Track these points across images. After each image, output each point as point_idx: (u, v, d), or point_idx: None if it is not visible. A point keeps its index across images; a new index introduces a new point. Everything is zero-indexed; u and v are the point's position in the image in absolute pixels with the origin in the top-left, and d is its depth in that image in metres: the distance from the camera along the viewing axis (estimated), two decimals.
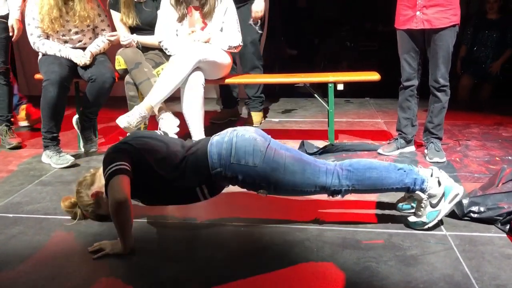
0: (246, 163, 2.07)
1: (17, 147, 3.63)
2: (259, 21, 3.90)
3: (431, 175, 2.15)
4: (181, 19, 3.35)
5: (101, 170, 2.18)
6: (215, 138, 2.19)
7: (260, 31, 3.97)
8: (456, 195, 2.14)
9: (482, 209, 2.23)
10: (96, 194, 2.24)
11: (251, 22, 3.84)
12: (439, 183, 2.12)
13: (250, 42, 3.94)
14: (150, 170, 2.12)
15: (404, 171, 2.14)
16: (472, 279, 1.79)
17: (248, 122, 4.13)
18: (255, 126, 3.46)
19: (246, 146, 2.09)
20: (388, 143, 3.36)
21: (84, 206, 2.29)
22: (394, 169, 2.15)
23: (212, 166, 2.11)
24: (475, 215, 2.23)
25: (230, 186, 2.22)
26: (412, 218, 2.19)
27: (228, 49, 3.36)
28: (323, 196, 2.22)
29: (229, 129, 2.21)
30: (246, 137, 2.12)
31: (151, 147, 2.18)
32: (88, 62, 3.26)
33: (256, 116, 4.23)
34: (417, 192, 2.13)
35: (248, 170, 2.08)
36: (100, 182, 2.21)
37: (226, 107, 4.45)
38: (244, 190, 2.20)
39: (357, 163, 2.18)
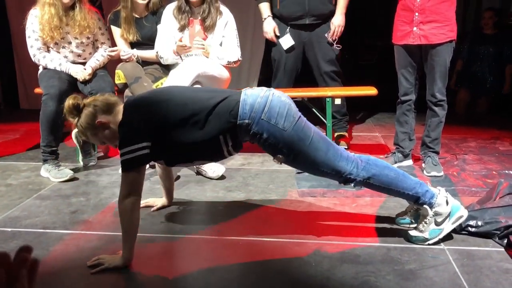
0: (276, 124, 2.04)
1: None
2: (337, 38, 3.81)
3: (439, 193, 2.17)
4: (181, 28, 3.38)
5: (121, 107, 2.15)
6: (249, 91, 2.14)
7: (338, 48, 3.83)
8: (460, 217, 2.16)
9: (479, 223, 2.24)
10: (102, 123, 2.13)
11: (329, 38, 3.78)
12: (447, 202, 2.14)
13: (328, 61, 3.83)
14: (172, 120, 2.07)
15: (418, 182, 2.17)
16: None
17: None
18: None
19: (280, 108, 2.06)
20: (386, 157, 3.37)
21: (83, 122, 2.14)
22: (410, 177, 2.18)
23: (241, 116, 2.06)
24: (473, 229, 2.24)
25: (236, 194, 2.22)
26: (413, 232, 2.19)
27: (227, 64, 3.39)
28: (322, 208, 2.22)
29: (264, 88, 2.17)
30: (282, 99, 2.10)
31: (174, 94, 2.17)
32: (88, 77, 3.29)
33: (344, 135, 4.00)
34: (425, 206, 2.14)
35: (275, 131, 2.05)
36: (114, 117, 2.13)
37: None
38: (244, 202, 2.20)
39: (377, 160, 2.20)
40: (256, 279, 1.93)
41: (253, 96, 2.09)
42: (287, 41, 3.81)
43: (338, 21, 3.77)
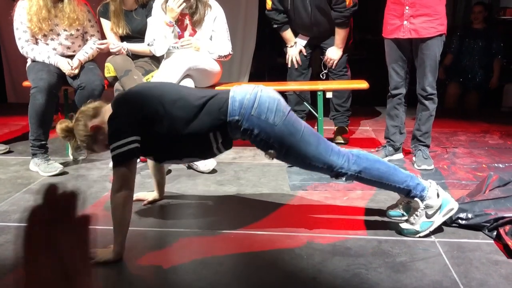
0: (266, 119, 2.05)
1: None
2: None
3: (430, 186, 2.18)
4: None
5: (107, 106, 2.14)
6: (238, 88, 2.15)
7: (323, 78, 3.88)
8: (451, 209, 2.18)
9: (469, 215, 2.26)
10: (95, 127, 2.13)
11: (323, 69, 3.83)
12: (438, 195, 2.15)
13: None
14: (162, 114, 2.07)
15: (409, 175, 2.18)
16: (461, 285, 1.80)
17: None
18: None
19: (270, 103, 2.07)
20: (377, 151, 3.38)
21: (80, 136, 2.16)
22: (400, 170, 2.19)
23: (231, 113, 2.06)
24: (463, 222, 2.26)
25: (228, 188, 2.22)
26: (404, 225, 2.21)
27: (218, 58, 3.37)
28: (313, 202, 2.23)
29: (252, 84, 2.18)
30: (271, 95, 2.11)
31: (164, 89, 2.17)
32: (75, 72, 3.25)
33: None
34: (416, 199, 2.15)
35: (266, 126, 2.05)
36: (103, 118, 2.13)
37: None
38: (235, 196, 2.19)
39: (367, 154, 2.21)
40: (248, 272, 1.93)
41: (242, 93, 2.09)
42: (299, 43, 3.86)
43: (334, 55, 3.78)
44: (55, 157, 3.44)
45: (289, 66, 3.94)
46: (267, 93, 2.11)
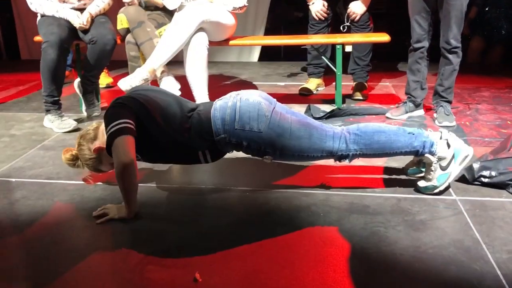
0: (251, 129, 2.01)
1: None
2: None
3: (440, 138, 2.09)
4: None
5: (103, 125, 2.12)
6: (218, 102, 2.12)
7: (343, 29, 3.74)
8: (466, 156, 2.08)
9: (493, 173, 2.18)
10: (98, 149, 2.17)
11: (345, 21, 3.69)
12: (448, 145, 2.07)
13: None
14: (154, 124, 2.05)
15: (413, 134, 2.08)
16: (483, 244, 1.75)
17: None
18: None
19: (251, 112, 2.02)
20: (397, 107, 3.29)
21: (85, 160, 2.22)
22: (403, 133, 2.09)
23: (216, 132, 2.05)
24: (486, 180, 2.18)
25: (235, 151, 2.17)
26: (422, 183, 2.14)
27: (232, 10, 3.25)
28: (330, 161, 2.17)
29: (233, 93, 2.14)
30: (250, 101, 2.05)
31: (156, 100, 2.11)
32: (85, 25, 3.16)
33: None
34: (426, 155, 2.07)
35: (252, 136, 2.02)
36: (103, 137, 2.14)
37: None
38: (249, 156, 2.15)
39: (365, 127, 2.12)
40: (263, 229, 1.90)
41: (222, 109, 2.05)
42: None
43: (358, 9, 3.63)
44: (69, 113, 3.42)
45: (312, 21, 3.80)
46: (246, 100, 2.05)
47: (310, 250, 1.75)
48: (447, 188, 2.12)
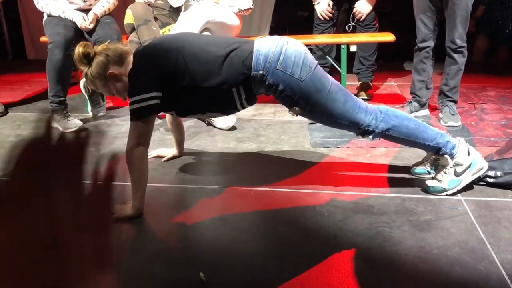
0: (292, 74, 1.95)
1: None
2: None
3: (460, 144, 2.10)
4: None
5: (131, 58, 2.06)
6: (263, 40, 2.04)
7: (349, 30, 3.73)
8: (481, 169, 2.09)
9: (498, 173, 2.17)
10: (114, 75, 2.04)
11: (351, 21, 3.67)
12: (468, 153, 2.07)
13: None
14: (183, 69, 1.99)
15: (439, 132, 2.10)
16: (488, 245, 1.75)
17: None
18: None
19: (296, 57, 1.97)
20: (402, 107, 3.27)
21: (94, 71, 2.04)
22: (430, 128, 2.11)
23: (255, 67, 1.97)
24: (491, 180, 2.18)
25: (247, 145, 2.17)
26: (431, 182, 2.13)
27: (238, 11, 3.26)
28: (335, 159, 2.17)
29: (278, 36, 2.07)
30: (297, 48, 2.00)
31: (185, 41, 2.07)
32: (91, 27, 3.17)
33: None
34: (445, 156, 2.08)
35: (291, 81, 1.96)
36: (126, 69, 2.05)
37: None
38: (255, 153, 2.15)
39: (395, 111, 2.13)
40: (267, 229, 1.91)
41: (267, 45, 1.98)
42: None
43: (364, 9, 3.62)
44: (75, 113, 3.43)
45: (317, 21, 3.80)
46: (293, 46, 2.00)
47: (314, 250, 1.75)
48: (454, 193, 2.12)
